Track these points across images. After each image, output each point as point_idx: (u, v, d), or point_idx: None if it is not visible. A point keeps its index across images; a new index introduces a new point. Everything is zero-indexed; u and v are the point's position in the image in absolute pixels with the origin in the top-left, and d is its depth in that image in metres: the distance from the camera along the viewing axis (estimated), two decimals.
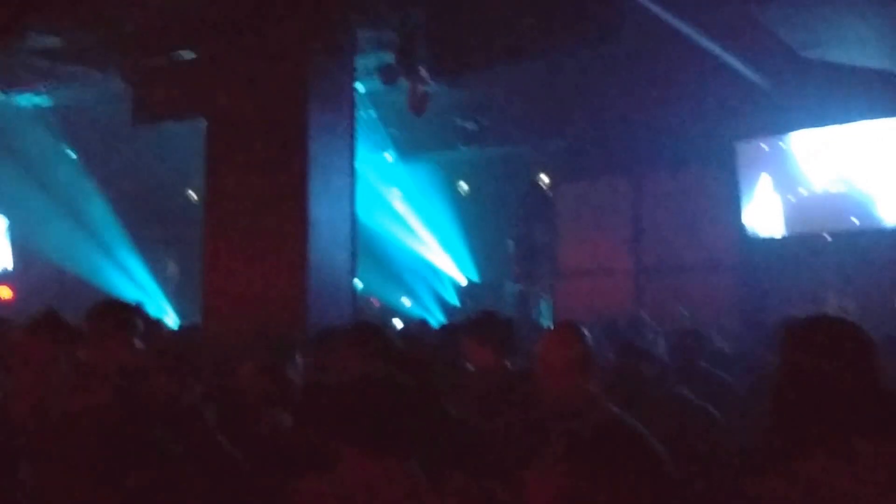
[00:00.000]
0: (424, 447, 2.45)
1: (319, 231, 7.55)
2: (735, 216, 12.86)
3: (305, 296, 7.38)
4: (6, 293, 15.69)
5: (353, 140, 8.15)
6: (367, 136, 12.61)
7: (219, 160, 8.06)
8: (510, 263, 15.14)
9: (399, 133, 13.99)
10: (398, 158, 15.04)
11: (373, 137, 13.44)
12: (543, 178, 15.22)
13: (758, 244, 12.85)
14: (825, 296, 11.28)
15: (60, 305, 3.33)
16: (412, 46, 8.70)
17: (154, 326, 6.01)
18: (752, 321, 10.35)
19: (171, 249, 16.72)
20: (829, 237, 12.06)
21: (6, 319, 6.79)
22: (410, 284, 16.33)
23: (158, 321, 7.08)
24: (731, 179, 12.85)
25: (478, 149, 13.95)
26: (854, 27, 9.22)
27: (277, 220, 7.61)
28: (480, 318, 4.44)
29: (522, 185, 15.33)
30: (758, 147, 12.80)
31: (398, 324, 11.52)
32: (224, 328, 7.39)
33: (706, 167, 13.13)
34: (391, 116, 13.08)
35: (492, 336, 4.19)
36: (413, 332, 8.83)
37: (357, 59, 8.65)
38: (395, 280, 16.07)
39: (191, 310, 11.51)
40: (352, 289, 8.08)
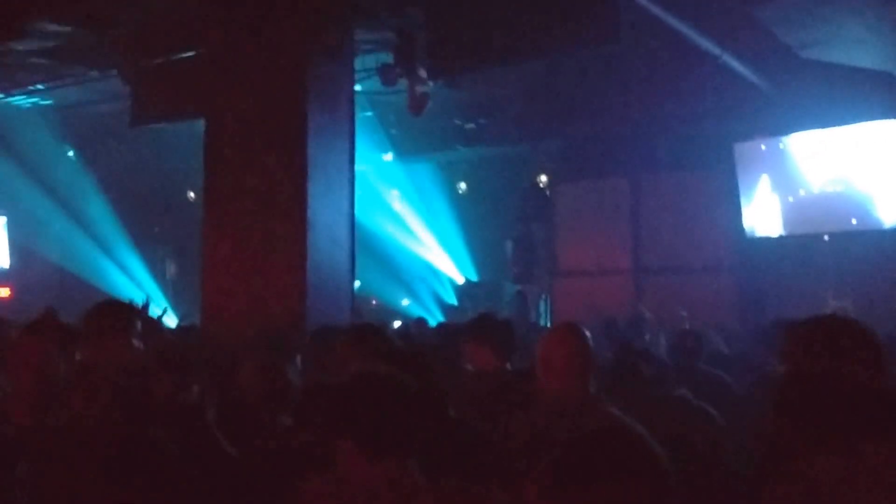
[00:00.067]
0: (424, 448, 2.45)
1: (318, 231, 7.54)
2: (734, 216, 12.86)
3: (304, 296, 7.36)
4: (4, 292, 15.69)
5: (353, 140, 8.14)
6: (367, 137, 12.62)
7: (218, 160, 8.04)
8: (509, 263, 15.13)
9: (398, 133, 14.00)
10: (397, 158, 15.04)
11: (372, 138, 13.45)
12: (542, 179, 15.22)
13: (756, 244, 12.86)
14: (824, 296, 11.28)
15: (59, 305, 3.34)
16: (411, 47, 8.71)
17: (153, 326, 6.01)
18: (751, 321, 10.36)
19: (170, 249, 16.72)
20: (828, 238, 12.07)
21: (4, 319, 6.78)
22: (409, 284, 16.34)
23: (157, 321, 7.07)
24: (730, 180, 12.85)
25: (477, 149, 13.95)
26: (853, 28, 9.23)
27: (276, 221, 7.60)
28: (480, 320, 4.46)
29: (521, 185, 15.33)
30: (757, 147, 12.80)
31: (397, 324, 11.52)
32: (223, 328, 7.39)
33: (705, 167, 13.14)
34: (390, 117, 13.11)
35: (491, 338, 4.20)
36: (411, 332, 8.85)
37: (356, 60, 8.65)
38: (395, 280, 16.08)
39: (189, 310, 11.50)
40: (351, 289, 8.08)
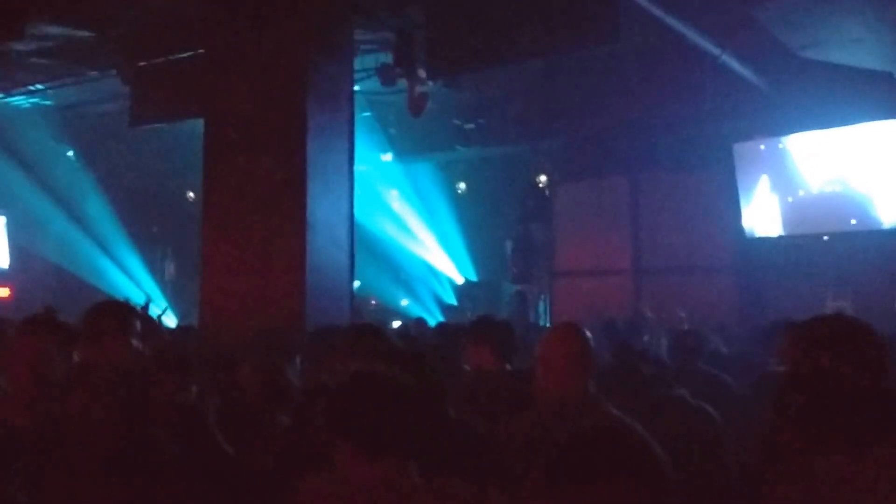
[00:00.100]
0: (423, 448, 2.45)
1: (318, 231, 7.53)
2: (733, 217, 12.86)
3: (304, 296, 7.36)
4: (4, 292, 15.68)
5: (352, 140, 8.13)
6: (366, 137, 12.61)
7: (217, 160, 8.04)
8: (508, 263, 15.14)
9: (397, 133, 13.99)
10: (397, 158, 15.04)
11: (371, 138, 13.44)
12: (542, 179, 15.22)
13: (756, 244, 12.86)
14: (823, 296, 11.29)
15: (58, 304, 3.32)
16: (411, 47, 8.72)
17: (152, 326, 6.00)
18: (750, 321, 10.36)
19: (170, 249, 16.72)
20: (827, 238, 12.08)
21: (3, 318, 6.77)
22: (409, 284, 16.34)
23: (157, 321, 7.06)
24: (730, 180, 12.86)
25: (476, 149, 13.95)
26: (852, 28, 9.23)
27: (276, 221, 7.60)
28: (480, 322, 4.46)
29: (521, 186, 15.33)
30: (756, 148, 12.81)
31: (396, 324, 11.52)
32: (222, 328, 7.39)
33: (704, 168, 13.14)
34: (390, 117, 13.11)
35: (492, 338, 4.20)
36: (411, 332, 8.84)
37: (356, 60, 8.65)
38: (394, 280, 16.07)
39: (189, 310, 11.49)
40: (350, 289, 8.08)
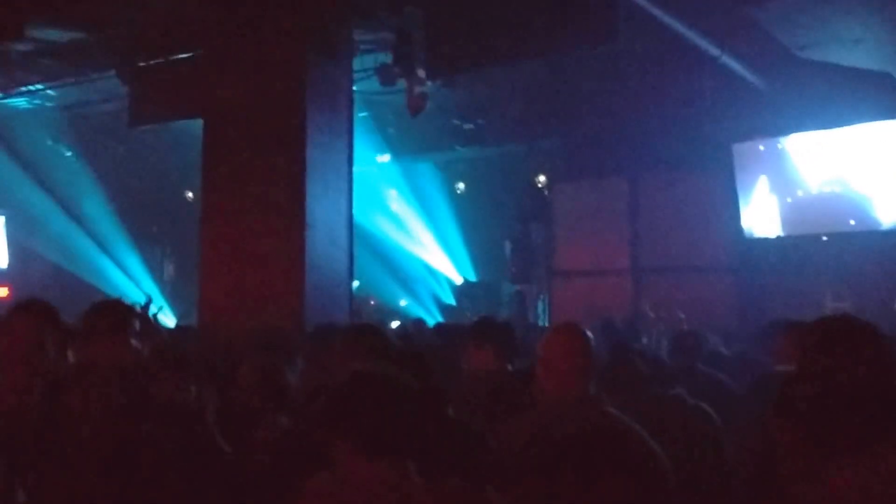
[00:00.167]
0: (423, 448, 2.45)
1: (317, 231, 7.54)
2: (732, 217, 12.87)
3: (303, 296, 7.36)
4: (3, 292, 15.67)
5: (351, 140, 8.14)
6: (365, 137, 12.61)
7: (216, 160, 8.04)
8: (507, 263, 15.15)
9: (396, 133, 13.99)
10: (395, 159, 15.04)
11: (370, 138, 13.44)
12: (541, 179, 15.22)
13: (755, 245, 12.87)
14: (822, 296, 11.29)
15: (57, 304, 3.30)
16: (410, 47, 8.70)
17: (152, 326, 6.00)
18: (749, 321, 10.36)
19: (169, 249, 16.72)
20: (826, 238, 12.08)
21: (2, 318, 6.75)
22: (408, 284, 16.34)
23: (156, 321, 7.05)
24: (729, 180, 12.86)
25: (475, 149, 13.94)
26: (850, 28, 9.24)
27: (275, 221, 7.60)
28: (482, 323, 4.47)
29: (519, 186, 15.33)
30: (755, 148, 12.81)
31: (395, 324, 11.52)
32: (221, 328, 7.39)
33: (703, 168, 13.14)
34: (389, 117, 13.09)
35: (493, 339, 4.20)
36: (409, 332, 8.84)
37: (355, 60, 8.65)
38: (393, 280, 16.07)
39: (188, 309, 11.49)
40: (349, 289, 8.08)
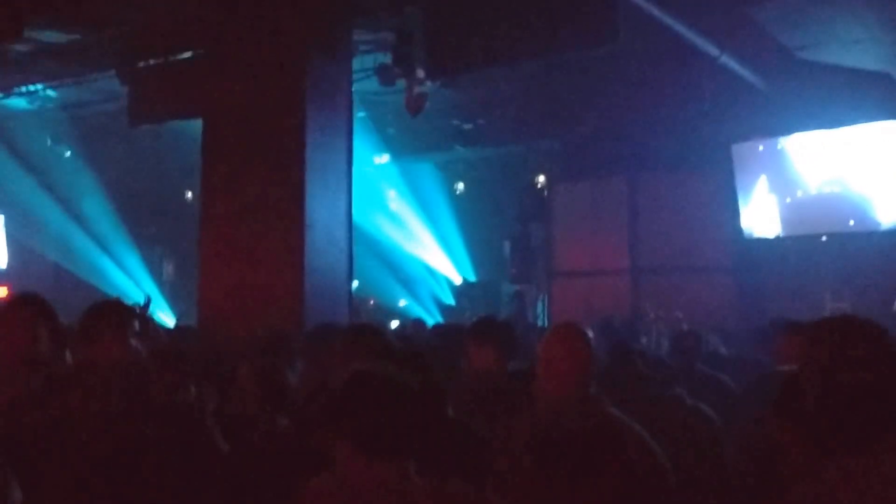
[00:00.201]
0: (423, 448, 2.45)
1: (316, 231, 7.54)
2: (731, 217, 12.87)
3: (302, 296, 7.36)
4: (2, 292, 15.66)
5: (351, 140, 8.14)
6: (364, 137, 12.61)
7: (215, 160, 8.04)
8: (506, 264, 15.15)
9: (396, 133, 13.99)
10: (395, 159, 15.04)
11: (370, 138, 13.44)
12: (540, 179, 15.23)
13: (754, 245, 12.87)
14: (822, 296, 11.30)
15: (57, 304, 3.29)
16: (409, 47, 8.70)
17: (151, 326, 6.00)
18: (749, 322, 10.36)
19: (168, 249, 16.71)
20: (826, 238, 12.09)
21: None
22: (407, 285, 16.34)
23: (155, 321, 7.06)
24: (728, 181, 12.87)
25: (474, 149, 13.96)
26: (850, 29, 9.25)
27: (274, 221, 7.60)
28: (482, 323, 4.47)
29: (519, 186, 15.34)
30: (754, 148, 12.82)
31: (395, 324, 11.53)
32: (220, 328, 7.39)
33: (703, 168, 13.14)
34: (388, 117, 13.09)
35: (493, 339, 4.20)
36: (409, 332, 8.85)
37: (354, 60, 8.65)
38: (393, 280, 16.07)
39: (187, 309, 11.49)
40: (349, 289, 8.08)
